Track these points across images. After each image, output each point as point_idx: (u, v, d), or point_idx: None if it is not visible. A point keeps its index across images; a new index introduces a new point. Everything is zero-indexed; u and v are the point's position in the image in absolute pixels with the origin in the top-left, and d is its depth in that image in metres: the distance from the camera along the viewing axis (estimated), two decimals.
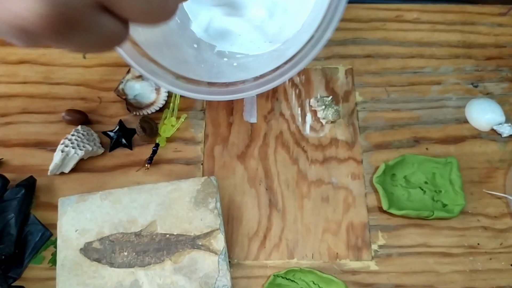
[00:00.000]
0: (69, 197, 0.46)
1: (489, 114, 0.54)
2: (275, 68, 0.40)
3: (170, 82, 0.40)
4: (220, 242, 0.45)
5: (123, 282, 0.43)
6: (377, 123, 0.55)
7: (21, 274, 0.46)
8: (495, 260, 0.48)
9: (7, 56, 0.57)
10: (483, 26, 0.62)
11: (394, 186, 0.51)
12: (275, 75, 0.39)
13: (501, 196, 0.51)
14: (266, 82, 0.39)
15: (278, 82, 0.38)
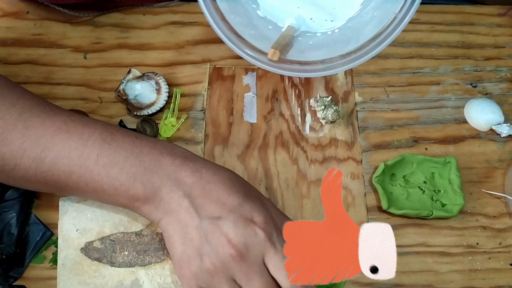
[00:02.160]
0: (70, 197, 0.46)
1: (488, 114, 0.54)
2: (361, 46, 0.44)
3: (267, 63, 0.44)
4: None
5: (124, 282, 0.43)
6: (377, 123, 0.55)
7: (22, 273, 0.46)
8: (494, 260, 0.48)
9: (9, 56, 0.58)
10: (482, 27, 0.62)
11: (393, 186, 0.51)
12: (362, 52, 0.43)
13: (500, 196, 0.51)
14: (353, 59, 0.44)
15: (365, 59, 0.43)
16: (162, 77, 0.55)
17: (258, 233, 0.36)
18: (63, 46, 0.58)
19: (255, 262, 0.36)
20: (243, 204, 0.37)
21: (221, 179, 0.38)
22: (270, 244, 0.36)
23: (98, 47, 0.58)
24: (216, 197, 0.36)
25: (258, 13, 0.49)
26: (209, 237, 0.35)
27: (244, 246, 0.35)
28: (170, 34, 0.59)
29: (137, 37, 0.59)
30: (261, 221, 0.36)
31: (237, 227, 0.35)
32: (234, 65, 0.57)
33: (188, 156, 0.39)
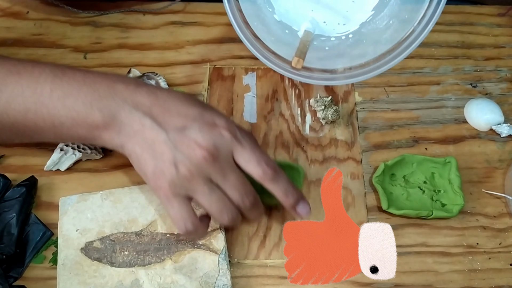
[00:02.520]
0: (70, 197, 0.46)
1: (488, 114, 0.54)
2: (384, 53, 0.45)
3: (288, 70, 0.46)
4: (220, 242, 0.45)
5: (124, 282, 0.43)
6: (377, 123, 0.55)
7: (22, 273, 0.46)
8: (494, 260, 0.48)
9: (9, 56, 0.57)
10: (482, 27, 0.62)
11: (393, 186, 0.51)
12: (380, 63, 0.45)
13: (500, 196, 0.51)
14: (372, 69, 0.46)
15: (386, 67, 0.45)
16: (162, 77, 0.55)
17: (223, 134, 0.38)
18: (63, 46, 0.58)
19: (226, 160, 0.38)
20: (203, 113, 0.39)
21: (177, 97, 0.40)
22: (236, 142, 0.38)
23: (98, 47, 0.59)
24: (176, 111, 0.38)
25: (275, 17, 0.50)
26: (179, 146, 0.37)
27: (214, 147, 0.37)
28: (170, 34, 0.59)
29: (137, 37, 0.59)
30: (223, 123, 0.38)
31: (203, 132, 0.37)
32: (234, 65, 0.57)
33: (140, 83, 0.40)
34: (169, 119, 0.38)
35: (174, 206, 0.39)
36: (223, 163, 0.38)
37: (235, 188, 0.39)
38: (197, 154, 0.37)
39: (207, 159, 0.37)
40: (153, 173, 0.38)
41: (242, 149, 0.39)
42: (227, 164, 0.38)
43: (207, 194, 0.39)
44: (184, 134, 0.37)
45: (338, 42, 0.50)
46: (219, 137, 0.38)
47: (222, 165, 0.38)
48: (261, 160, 0.39)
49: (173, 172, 0.37)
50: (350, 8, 0.50)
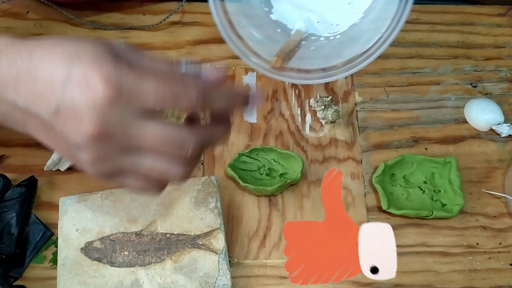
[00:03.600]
0: (70, 197, 0.46)
1: (488, 114, 0.54)
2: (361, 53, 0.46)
3: (268, 70, 0.44)
4: (220, 242, 0.45)
5: (124, 281, 0.43)
6: (377, 123, 0.55)
7: (22, 273, 0.46)
8: (494, 260, 0.48)
9: None
10: (482, 27, 0.62)
11: (393, 186, 0.51)
12: (359, 60, 0.45)
13: (500, 196, 0.51)
14: (351, 67, 0.45)
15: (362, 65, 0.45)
16: None
17: (106, 93, 0.27)
18: None
19: (126, 122, 0.28)
20: (71, 71, 0.27)
21: (40, 59, 0.28)
22: (131, 89, 0.27)
23: None
24: (42, 82, 0.28)
25: (271, 17, 0.50)
26: (64, 132, 0.28)
27: (98, 119, 0.27)
28: (170, 34, 0.59)
29: (137, 37, 0.59)
30: (99, 74, 0.27)
31: (76, 105, 0.27)
32: (234, 65, 0.57)
33: (1, 47, 0.30)
34: (39, 99, 0.28)
35: (121, 184, 0.31)
36: (120, 128, 0.28)
37: (157, 147, 0.29)
38: (87, 133, 0.27)
39: (99, 135, 0.27)
40: (71, 159, 0.30)
41: (143, 95, 0.27)
42: (127, 126, 0.28)
43: (135, 167, 0.30)
44: (62, 112, 0.27)
45: (326, 42, 0.50)
46: (98, 100, 0.27)
47: (123, 132, 0.28)
48: (174, 96, 0.28)
49: (84, 157, 0.29)
50: (345, 9, 0.50)
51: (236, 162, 0.51)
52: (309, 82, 0.47)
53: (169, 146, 0.29)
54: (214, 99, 0.30)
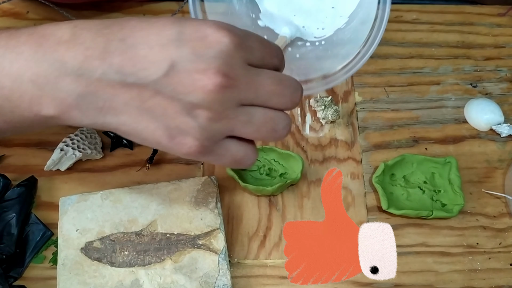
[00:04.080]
0: (70, 197, 0.46)
1: (488, 114, 0.54)
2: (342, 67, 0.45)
3: None
4: (220, 242, 0.45)
5: (124, 281, 0.43)
6: (377, 123, 0.55)
7: (22, 273, 0.46)
8: (494, 260, 0.48)
9: None
10: (482, 27, 0.62)
11: (393, 186, 0.51)
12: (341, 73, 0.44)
13: (500, 196, 0.51)
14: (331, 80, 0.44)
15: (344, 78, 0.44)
16: None
17: (224, 41, 0.27)
18: None
19: (244, 70, 0.28)
20: (183, 29, 0.27)
21: (135, 26, 0.28)
22: (244, 45, 0.28)
23: None
24: (146, 46, 0.27)
25: (259, 23, 0.50)
26: (180, 89, 0.27)
27: (223, 65, 0.27)
28: None
29: None
30: (215, 27, 0.27)
31: (198, 54, 0.27)
32: None
33: (78, 24, 0.28)
34: (143, 62, 0.26)
35: (221, 155, 0.30)
36: (243, 77, 0.28)
37: (273, 93, 0.29)
38: (209, 86, 0.26)
39: (225, 85, 0.27)
40: (169, 137, 0.28)
41: (253, 48, 0.29)
42: (248, 74, 0.28)
43: (248, 123, 0.29)
44: (177, 70, 0.26)
45: (312, 48, 0.51)
46: (221, 49, 0.27)
47: (245, 80, 0.28)
48: (271, 51, 0.30)
49: (194, 123, 0.27)
50: (329, 13, 0.50)
51: None
52: None
53: (283, 89, 0.29)
54: (281, 55, 0.32)
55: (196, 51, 0.26)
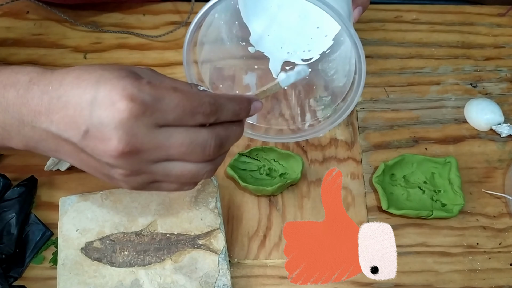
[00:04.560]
0: (70, 197, 0.46)
1: (488, 114, 0.54)
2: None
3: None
4: (220, 242, 0.45)
5: (124, 281, 0.43)
6: (377, 123, 0.55)
7: (22, 273, 0.46)
8: (494, 260, 0.48)
9: (8, 56, 0.58)
10: (482, 27, 0.62)
11: (393, 186, 0.51)
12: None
13: (500, 196, 0.51)
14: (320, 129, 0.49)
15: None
16: None
17: (129, 109, 0.28)
18: (63, 46, 0.58)
19: (152, 131, 0.29)
20: (97, 94, 0.29)
21: (69, 87, 0.30)
22: (152, 109, 0.29)
23: (98, 47, 0.58)
24: (72, 106, 0.29)
25: (249, 50, 0.51)
26: (95, 153, 0.29)
27: (128, 136, 0.28)
28: (170, 35, 0.59)
29: (137, 37, 0.59)
30: (122, 94, 0.28)
31: (105, 124, 0.28)
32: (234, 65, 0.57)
33: (32, 77, 0.32)
34: (70, 123, 0.29)
35: (161, 188, 0.33)
36: (148, 142, 0.29)
37: (185, 153, 0.30)
38: (114, 153, 0.29)
39: (128, 152, 0.29)
40: (108, 179, 0.32)
41: (165, 108, 0.29)
42: (155, 138, 0.29)
43: (167, 175, 0.31)
44: (90, 135, 0.29)
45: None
46: (122, 119, 0.28)
47: (152, 144, 0.29)
48: (192, 108, 0.30)
49: (118, 177, 0.31)
50: (315, 33, 0.51)
51: (236, 162, 0.51)
52: (281, 140, 0.52)
53: (193, 148, 0.30)
54: (225, 109, 0.32)
55: (103, 120, 0.28)
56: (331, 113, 0.48)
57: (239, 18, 0.50)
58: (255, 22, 0.51)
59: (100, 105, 0.28)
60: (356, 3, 0.45)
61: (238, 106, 0.33)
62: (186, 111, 0.30)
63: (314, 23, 0.51)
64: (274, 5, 0.51)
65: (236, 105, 0.33)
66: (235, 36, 0.51)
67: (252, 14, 0.51)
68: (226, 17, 0.49)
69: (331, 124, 0.47)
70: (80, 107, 0.29)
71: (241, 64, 0.54)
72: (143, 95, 0.28)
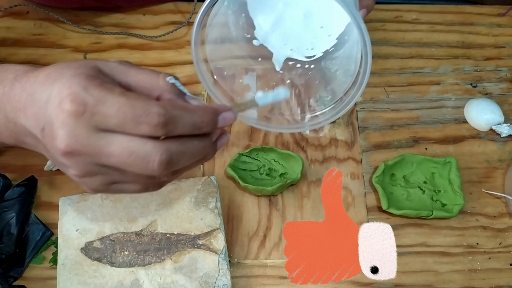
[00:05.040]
0: (70, 197, 0.46)
1: (488, 114, 0.54)
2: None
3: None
4: (220, 242, 0.45)
5: (124, 281, 0.43)
6: (377, 123, 0.55)
7: (22, 273, 0.46)
8: (494, 260, 0.48)
9: (8, 56, 0.58)
10: (482, 27, 0.62)
11: (393, 186, 0.51)
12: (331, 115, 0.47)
13: (500, 196, 0.51)
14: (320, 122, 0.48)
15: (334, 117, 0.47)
16: None
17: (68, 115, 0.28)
18: (63, 46, 0.58)
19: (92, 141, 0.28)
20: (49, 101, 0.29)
21: (39, 83, 0.30)
22: (91, 116, 0.28)
23: (98, 47, 0.58)
24: (38, 106, 0.30)
25: (254, 42, 0.52)
26: (49, 148, 0.30)
27: (70, 138, 0.28)
28: (170, 34, 0.59)
29: (137, 37, 0.59)
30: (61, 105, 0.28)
31: (50, 123, 0.29)
32: (234, 65, 0.57)
33: (17, 75, 0.32)
34: (35, 120, 0.30)
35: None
36: (87, 145, 0.28)
37: (125, 163, 0.29)
38: (59, 152, 0.28)
39: (69, 152, 0.28)
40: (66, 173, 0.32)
41: (106, 113, 0.28)
42: (95, 142, 0.28)
43: (123, 176, 0.30)
44: (44, 132, 0.29)
45: (302, 71, 0.53)
46: (63, 118, 0.28)
47: (92, 148, 0.28)
48: (136, 117, 0.28)
49: (71, 175, 0.31)
50: (318, 33, 0.51)
51: (236, 162, 0.51)
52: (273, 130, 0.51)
53: (134, 160, 0.28)
54: (180, 121, 0.29)
55: (52, 118, 0.28)
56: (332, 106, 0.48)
57: (246, 11, 0.51)
58: (261, 17, 0.51)
59: (51, 103, 0.28)
60: (361, 4, 0.46)
61: (200, 118, 0.30)
62: (127, 119, 0.28)
63: (319, 23, 0.51)
64: (280, 3, 0.51)
65: (197, 117, 0.30)
66: (241, 27, 0.51)
67: (258, 9, 0.51)
68: (234, 7, 0.50)
69: (335, 114, 0.46)
70: (40, 104, 0.29)
71: (241, 63, 0.55)
72: (85, 95, 0.28)
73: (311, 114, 0.50)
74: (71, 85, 0.28)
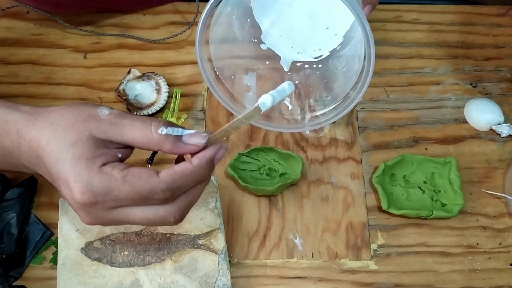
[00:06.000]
0: None
1: (488, 114, 0.54)
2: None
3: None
4: (220, 242, 0.45)
5: (124, 282, 0.43)
6: (376, 123, 0.55)
7: (22, 273, 0.46)
8: (494, 260, 0.48)
9: (9, 56, 0.58)
10: (482, 27, 0.62)
11: (393, 186, 0.51)
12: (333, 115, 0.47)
13: (500, 196, 0.51)
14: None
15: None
16: (162, 77, 0.55)
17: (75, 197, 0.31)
18: (63, 46, 0.58)
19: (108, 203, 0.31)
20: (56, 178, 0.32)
21: (43, 153, 0.33)
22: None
23: (98, 47, 0.59)
24: (49, 173, 0.33)
25: (261, 47, 0.52)
26: (62, 191, 0.32)
27: (88, 191, 0.31)
28: (170, 34, 0.59)
29: (137, 39, 0.59)
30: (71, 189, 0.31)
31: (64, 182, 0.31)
32: (234, 65, 0.57)
33: (19, 129, 0.34)
34: (44, 168, 0.33)
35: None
36: (103, 198, 0.31)
37: (144, 224, 0.33)
38: (74, 203, 0.31)
39: (85, 205, 0.31)
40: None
41: (116, 197, 0.31)
42: (115, 215, 0.32)
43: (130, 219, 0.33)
44: (59, 179, 0.32)
45: (310, 71, 0.53)
46: (82, 205, 0.31)
47: (114, 220, 0.32)
48: (144, 198, 0.31)
49: (82, 217, 0.33)
50: (324, 34, 0.52)
51: (236, 162, 0.51)
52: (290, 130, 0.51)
53: (154, 223, 0.32)
54: (183, 186, 0.32)
55: (67, 199, 0.32)
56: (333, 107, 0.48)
57: (251, 16, 0.51)
58: (266, 21, 0.52)
59: (63, 183, 0.31)
60: (366, 1, 0.46)
61: (200, 175, 0.32)
62: (137, 200, 0.31)
63: (324, 24, 0.51)
64: (285, 6, 0.51)
65: (197, 176, 0.32)
66: (247, 32, 0.52)
67: (264, 13, 0.51)
68: (238, 12, 0.50)
69: (336, 115, 0.47)
70: (52, 172, 0.32)
71: (241, 63, 0.54)
72: (91, 189, 0.30)
73: (312, 114, 0.50)
74: (75, 177, 0.30)
